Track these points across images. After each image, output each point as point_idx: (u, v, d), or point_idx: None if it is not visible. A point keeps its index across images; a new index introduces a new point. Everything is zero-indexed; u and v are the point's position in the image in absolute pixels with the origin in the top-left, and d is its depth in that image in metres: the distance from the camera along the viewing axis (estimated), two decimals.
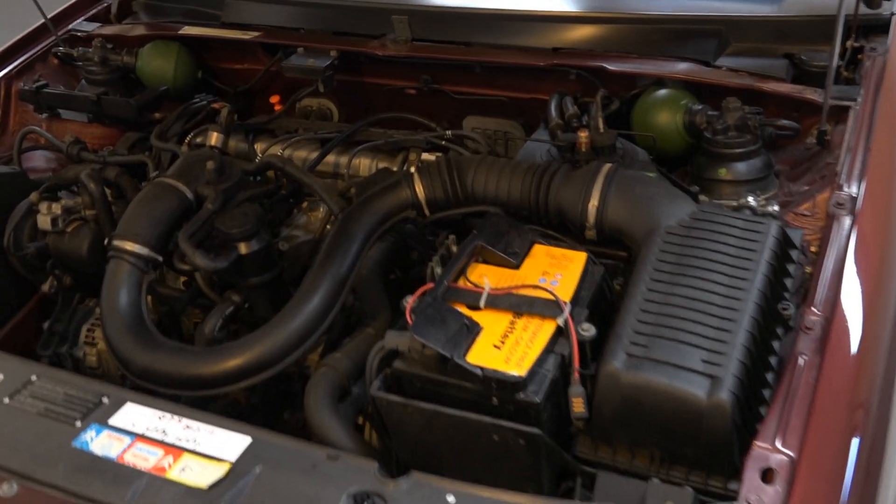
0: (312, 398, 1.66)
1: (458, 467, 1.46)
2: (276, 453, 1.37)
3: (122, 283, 1.80)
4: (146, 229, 1.85)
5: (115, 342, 1.74)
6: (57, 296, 2.18)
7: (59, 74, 2.75)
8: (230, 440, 1.41)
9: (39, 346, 2.17)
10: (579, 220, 1.70)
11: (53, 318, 2.18)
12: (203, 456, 1.39)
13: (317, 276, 1.75)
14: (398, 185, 1.86)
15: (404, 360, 1.47)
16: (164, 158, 2.30)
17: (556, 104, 2.11)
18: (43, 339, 2.17)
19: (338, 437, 1.59)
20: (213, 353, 1.70)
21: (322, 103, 2.61)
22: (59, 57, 2.69)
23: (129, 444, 1.41)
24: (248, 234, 1.85)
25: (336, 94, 2.53)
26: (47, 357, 2.15)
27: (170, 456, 1.39)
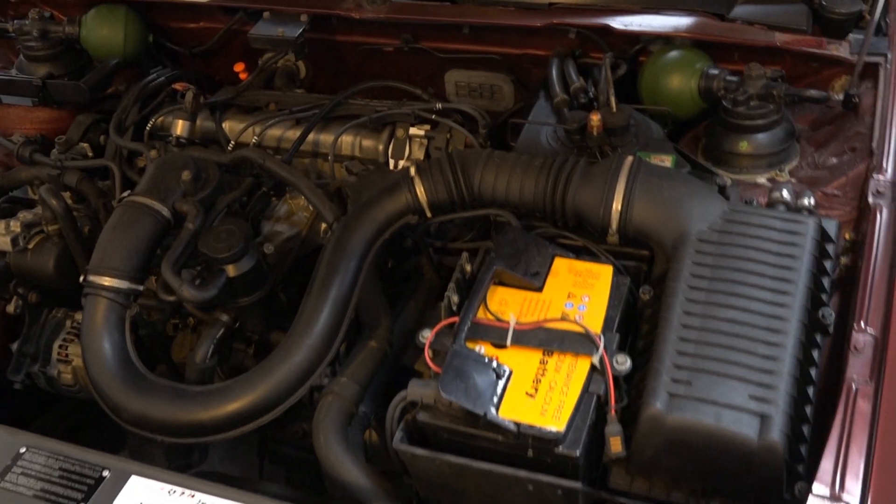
0: (323, 436, 1.57)
1: None
2: None
3: (103, 322, 1.64)
4: (123, 260, 1.68)
5: (104, 389, 1.60)
6: (23, 315, 2.02)
7: None
8: None
9: (10, 370, 2.02)
10: (601, 224, 1.56)
11: (22, 339, 2.02)
12: None
13: (317, 302, 1.61)
14: (397, 189, 1.69)
15: (430, 413, 1.36)
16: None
17: (557, 72, 1.92)
18: (13, 362, 2.02)
19: (355, 478, 1.52)
20: (212, 396, 1.58)
21: (288, 60, 2.38)
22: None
23: None
24: (236, 256, 1.68)
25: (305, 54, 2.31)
26: (20, 382, 2.01)
27: None
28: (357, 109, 2.11)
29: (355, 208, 1.71)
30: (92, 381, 1.63)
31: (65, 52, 2.33)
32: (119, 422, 1.60)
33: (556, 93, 1.86)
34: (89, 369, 1.63)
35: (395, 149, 2.03)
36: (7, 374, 2.01)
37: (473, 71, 2.26)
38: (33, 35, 2.29)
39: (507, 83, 2.24)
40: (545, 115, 1.89)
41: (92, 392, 1.63)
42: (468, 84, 2.28)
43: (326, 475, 1.58)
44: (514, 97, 2.25)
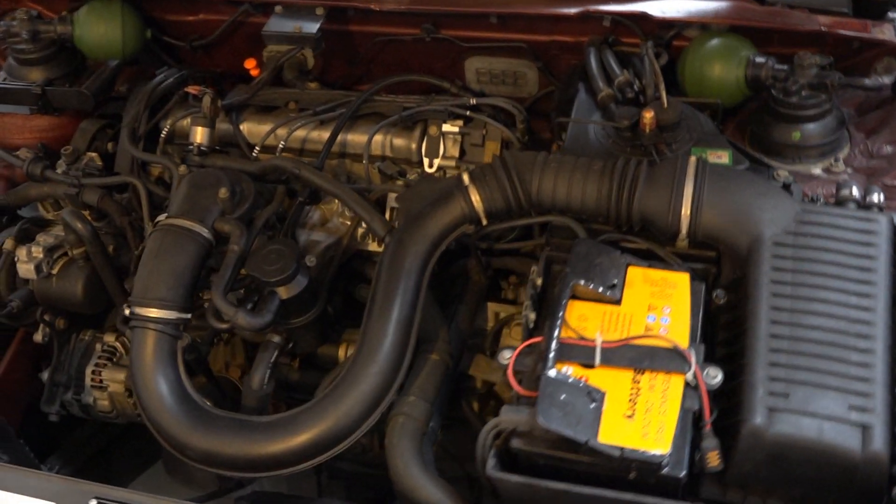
0: (400, 460, 1.53)
1: None
2: None
3: (155, 357, 1.57)
4: (170, 289, 1.59)
5: (165, 428, 1.53)
6: (51, 342, 1.92)
7: None
8: None
9: (44, 402, 1.93)
10: (669, 230, 1.53)
11: (53, 368, 1.93)
12: None
13: (379, 324, 1.55)
14: (450, 199, 1.63)
15: (525, 439, 1.33)
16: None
17: (596, 63, 1.86)
18: (46, 393, 1.93)
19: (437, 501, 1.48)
20: (280, 429, 1.52)
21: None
22: None
23: None
24: (289, 278, 1.61)
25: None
26: (55, 414, 1.92)
27: None
28: (383, 106, 2.02)
29: (408, 221, 1.65)
30: (150, 421, 1.55)
31: (58, 53, 2.18)
32: (184, 459, 1.54)
33: (599, 87, 1.80)
34: (146, 408, 1.55)
35: (429, 147, 1.96)
36: (41, 406, 1.91)
37: (495, 58, 2.18)
38: (23, 37, 2.13)
39: (532, 69, 2.17)
40: (587, 109, 1.83)
41: (151, 430, 1.56)
42: (489, 71, 2.20)
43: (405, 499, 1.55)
44: (539, 83, 2.19)
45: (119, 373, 1.92)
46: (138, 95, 2.07)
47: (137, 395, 1.57)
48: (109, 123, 2.14)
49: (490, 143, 1.94)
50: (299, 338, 1.74)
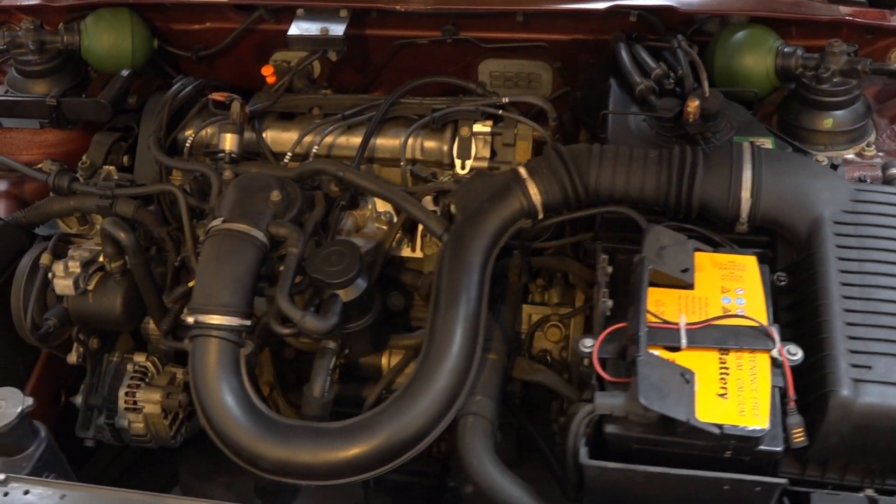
0: (475, 459, 1.51)
1: None
2: None
3: (219, 366, 1.51)
4: (232, 295, 1.55)
5: (234, 439, 1.48)
6: (84, 363, 1.84)
7: None
8: None
9: (79, 427, 1.84)
10: (728, 216, 1.56)
11: (87, 391, 1.85)
12: None
13: (447, 322, 1.53)
14: (508, 193, 1.63)
15: (619, 424, 1.34)
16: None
17: (629, 58, 1.89)
18: (81, 418, 1.84)
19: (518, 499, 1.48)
20: (356, 432, 1.48)
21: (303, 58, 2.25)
22: None
23: None
24: (351, 280, 1.58)
25: None
26: (91, 438, 1.84)
27: None
28: (410, 109, 2.01)
29: (465, 218, 1.64)
30: (217, 433, 1.50)
31: (64, 64, 2.11)
32: (255, 471, 1.49)
33: (635, 81, 1.83)
34: (212, 420, 1.50)
35: (461, 148, 1.95)
36: (77, 431, 1.83)
37: (509, 60, 2.20)
38: (29, 48, 2.05)
39: (547, 70, 2.20)
40: (622, 102, 1.86)
41: (218, 443, 1.51)
42: (503, 73, 2.22)
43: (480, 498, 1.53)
44: (553, 84, 2.21)
45: (154, 393, 1.85)
46: (157, 105, 2.01)
47: (201, 406, 1.52)
48: (123, 136, 2.07)
49: (521, 142, 1.95)
50: (354, 344, 1.71)
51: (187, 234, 1.75)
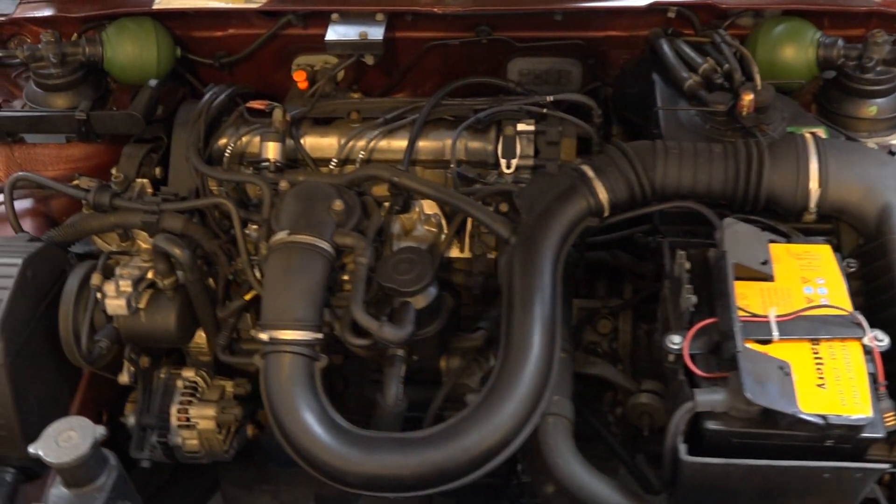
0: (560, 460, 1.51)
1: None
2: None
3: (295, 383, 1.48)
4: (305, 308, 1.51)
5: (320, 457, 1.44)
6: (135, 383, 1.78)
7: None
8: None
9: (133, 448, 1.78)
10: (797, 207, 1.58)
11: (140, 410, 1.79)
12: None
13: (524, 324, 1.52)
14: (575, 193, 1.62)
15: (720, 420, 1.34)
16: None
17: (672, 54, 1.89)
18: (136, 438, 1.79)
19: (608, 496, 1.48)
20: (443, 440, 1.46)
21: (328, 61, 2.21)
22: None
23: None
24: (425, 287, 1.56)
25: None
26: (147, 459, 1.78)
27: None
28: (450, 110, 1.99)
29: (533, 219, 1.63)
30: (298, 452, 1.46)
31: (86, 77, 2.04)
32: (343, 487, 1.46)
33: (683, 76, 1.83)
34: (292, 439, 1.46)
35: (506, 147, 1.94)
36: (131, 453, 1.77)
37: (539, 58, 2.19)
38: (50, 61, 1.97)
39: (576, 67, 2.19)
40: (669, 98, 1.87)
41: (300, 461, 1.47)
42: (532, 71, 2.20)
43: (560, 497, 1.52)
44: (583, 80, 2.21)
45: (207, 409, 1.80)
46: (192, 114, 1.95)
47: (279, 424, 1.48)
48: (153, 149, 2.01)
49: (566, 139, 1.94)
50: (422, 350, 1.68)
51: (241, 247, 1.70)
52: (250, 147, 1.97)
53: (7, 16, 2.12)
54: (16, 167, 2.01)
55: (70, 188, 1.84)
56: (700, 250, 1.56)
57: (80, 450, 1.36)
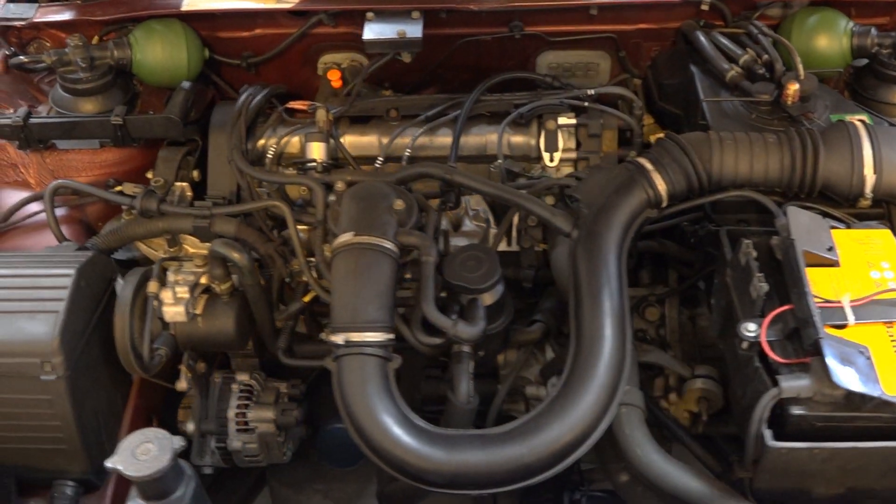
0: (638, 449, 1.52)
1: (837, 485, 1.43)
2: None
3: (372, 385, 1.46)
4: (378, 310, 1.50)
5: (401, 458, 1.43)
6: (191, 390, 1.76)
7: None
8: None
9: (195, 455, 1.75)
10: (852, 193, 1.61)
11: (200, 417, 1.76)
12: None
13: (595, 319, 1.52)
14: (634, 185, 1.63)
15: (805, 405, 1.36)
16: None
17: (709, 45, 1.91)
18: (197, 446, 1.76)
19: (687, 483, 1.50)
20: (525, 435, 1.45)
21: (354, 59, 2.20)
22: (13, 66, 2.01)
23: None
24: (494, 283, 1.56)
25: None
26: (210, 467, 1.76)
27: None
28: (490, 106, 1.99)
29: (594, 213, 1.64)
30: (379, 454, 1.44)
31: (114, 80, 2.00)
32: (426, 487, 1.45)
33: (724, 67, 1.86)
34: (372, 442, 1.44)
35: (548, 141, 1.94)
36: (192, 459, 1.74)
37: (568, 51, 2.20)
38: (78, 65, 1.93)
39: (605, 59, 2.21)
40: (710, 89, 1.89)
41: (380, 464, 1.45)
42: (561, 65, 2.22)
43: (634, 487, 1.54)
44: (611, 73, 2.23)
45: (266, 411, 1.78)
46: (231, 116, 1.92)
47: (356, 427, 1.46)
48: (189, 152, 1.98)
49: (608, 131, 1.95)
50: (488, 345, 1.68)
51: (298, 250, 1.68)
52: (289, 147, 1.95)
53: (27, 20, 2.06)
54: (48, 174, 1.97)
55: (114, 194, 1.80)
56: (762, 238, 1.58)
57: (161, 462, 1.34)
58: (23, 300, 1.55)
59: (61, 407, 1.54)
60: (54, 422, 1.55)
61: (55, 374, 1.50)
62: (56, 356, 1.49)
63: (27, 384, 1.52)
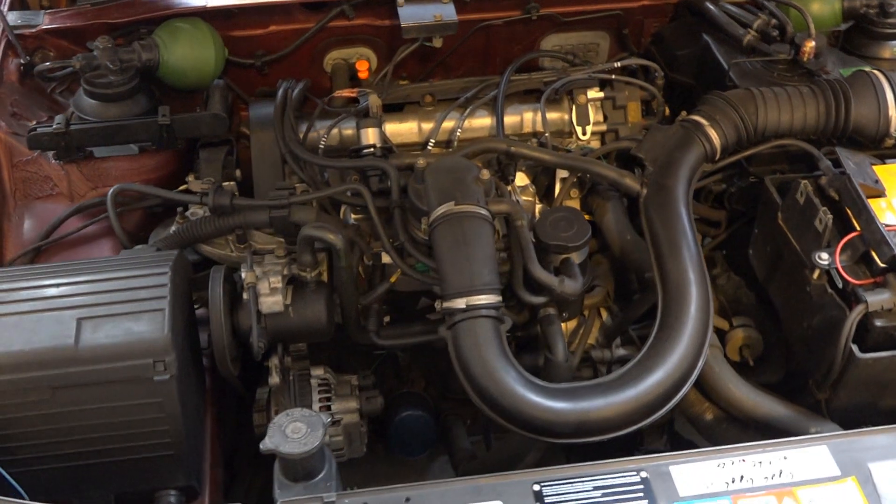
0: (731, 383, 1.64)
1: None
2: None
3: (495, 347, 1.51)
4: (489, 273, 1.55)
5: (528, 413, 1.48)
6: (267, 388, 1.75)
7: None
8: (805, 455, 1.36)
9: None
10: (878, 134, 1.79)
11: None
12: (813, 483, 1.33)
13: (678, 267, 1.63)
14: (691, 141, 1.76)
15: (886, 317, 1.51)
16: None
17: (721, 14, 2.07)
18: None
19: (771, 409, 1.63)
20: (637, 378, 1.54)
21: (362, 54, 2.23)
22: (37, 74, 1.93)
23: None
24: (587, 241, 1.64)
25: (373, 42, 2.18)
26: None
27: (787, 499, 1.32)
28: (522, 85, 2.07)
29: (659, 169, 1.75)
30: (506, 413, 1.49)
31: (142, 83, 1.95)
32: (549, 440, 1.50)
33: (740, 33, 2.01)
34: (499, 402, 1.49)
35: (579, 115, 2.04)
36: None
37: (571, 32, 2.31)
38: (108, 68, 1.88)
39: (604, 39, 2.33)
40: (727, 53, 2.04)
41: (505, 423, 1.50)
42: (563, 47, 2.32)
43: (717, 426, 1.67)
44: (609, 51, 2.35)
45: (349, 402, 1.79)
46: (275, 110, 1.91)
47: (480, 390, 1.50)
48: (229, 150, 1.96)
49: (632, 102, 2.07)
50: (570, 307, 1.75)
51: (381, 231, 1.71)
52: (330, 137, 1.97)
53: (36, 27, 1.99)
54: (85, 185, 1.91)
55: (180, 194, 1.76)
56: (810, 180, 1.73)
57: (316, 438, 1.33)
58: (124, 302, 1.50)
59: (171, 409, 1.50)
60: (163, 426, 1.51)
61: (168, 373, 1.46)
62: (169, 354, 1.46)
63: (137, 388, 1.47)
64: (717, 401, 1.68)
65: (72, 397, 1.48)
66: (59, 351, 1.46)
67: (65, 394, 1.47)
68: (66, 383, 1.46)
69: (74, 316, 1.49)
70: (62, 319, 1.49)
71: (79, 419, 1.50)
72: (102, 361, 1.45)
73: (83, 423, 1.50)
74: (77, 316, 1.49)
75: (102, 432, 1.51)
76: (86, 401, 1.48)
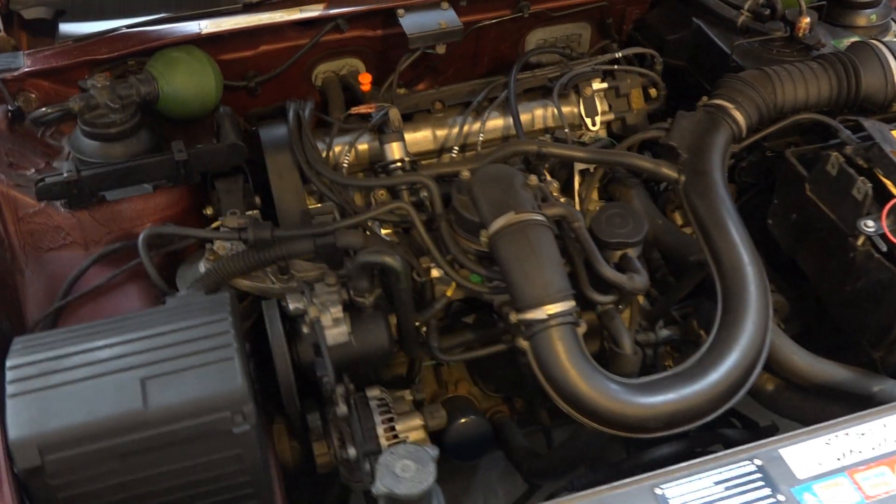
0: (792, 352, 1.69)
1: None
2: None
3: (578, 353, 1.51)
4: (562, 279, 1.54)
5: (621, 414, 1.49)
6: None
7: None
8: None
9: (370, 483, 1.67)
10: (886, 101, 1.87)
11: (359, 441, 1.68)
12: None
13: (729, 249, 1.66)
14: (719, 124, 1.79)
15: None
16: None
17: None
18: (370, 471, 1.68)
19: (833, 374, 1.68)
20: (712, 365, 1.56)
21: (350, 65, 2.19)
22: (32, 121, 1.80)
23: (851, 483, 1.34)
24: (643, 237, 1.65)
25: (363, 52, 2.13)
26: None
27: None
28: (528, 83, 2.07)
29: (693, 155, 1.78)
30: (599, 416, 1.49)
31: (144, 119, 1.84)
32: (642, 436, 1.51)
33: (733, 14, 2.06)
34: (590, 406, 1.49)
35: (587, 107, 2.06)
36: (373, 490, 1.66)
37: (554, 26, 2.31)
38: (109, 107, 1.76)
39: (586, 29, 2.34)
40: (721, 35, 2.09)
41: (597, 426, 1.50)
42: (547, 40, 2.32)
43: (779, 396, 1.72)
44: (591, 41, 2.37)
45: (412, 419, 1.74)
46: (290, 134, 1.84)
47: (569, 397, 1.49)
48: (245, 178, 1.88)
49: (634, 90, 2.10)
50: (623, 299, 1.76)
51: (432, 248, 1.67)
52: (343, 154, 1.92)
53: (18, 69, 1.84)
54: (100, 231, 1.79)
55: (214, 232, 1.67)
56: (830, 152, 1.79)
57: (429, 474, 1.29)
58: (187, 355, 1.41)
59: (251, 457, 1.43)
60: (244, 477, 1.44)
61: (248, 423, 1.39)
62: (246, 404, 1.38)
63: (216, 442, 1.39)
64: (778, 371, 1.72)
65: (144, 462, 1.39)
66: (128, 417, 1.36)
67: (136, 459, 1.38)
68: (137, 449, 1.37)
69: (137, 377, 1.39)
70: (124, 382, 1.39)
71: (155, 483, 1.41)
72: (176, 421, 1.37)
73: (159, 486, 1.42)
74: (140, 377, 1.39)
75: (179, 493, 1.43)
76: (160, 463, 1.40)
